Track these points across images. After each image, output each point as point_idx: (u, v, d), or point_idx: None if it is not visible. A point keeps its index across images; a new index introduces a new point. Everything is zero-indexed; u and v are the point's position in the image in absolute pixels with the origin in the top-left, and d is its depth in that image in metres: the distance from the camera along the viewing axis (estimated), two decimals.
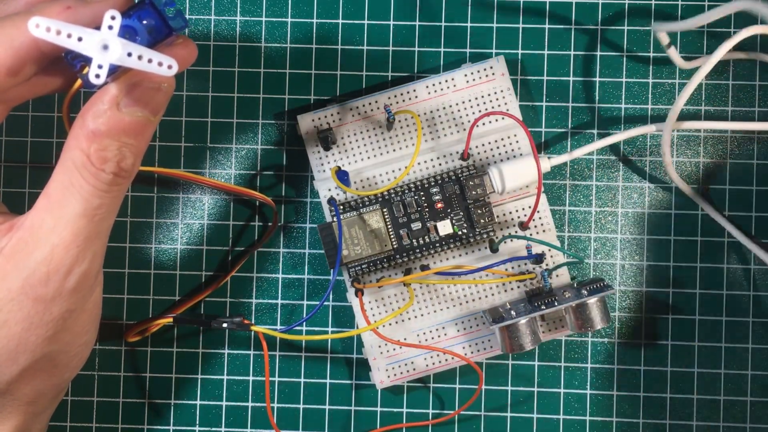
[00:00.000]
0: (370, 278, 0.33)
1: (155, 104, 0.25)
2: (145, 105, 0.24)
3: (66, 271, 0.25)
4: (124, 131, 0.24)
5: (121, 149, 0.24)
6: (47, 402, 0.29)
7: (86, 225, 0.25)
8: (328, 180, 0.33)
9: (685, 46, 0.35)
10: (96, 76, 0.22)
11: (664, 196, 0.35)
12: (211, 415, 0.35)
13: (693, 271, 0.34)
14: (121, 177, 0.25)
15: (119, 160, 0.24)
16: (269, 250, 0.35)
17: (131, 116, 0.24)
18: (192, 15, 0.35)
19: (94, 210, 0.25)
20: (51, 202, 0.25)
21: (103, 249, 0.26)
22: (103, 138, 0.24)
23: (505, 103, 0.34)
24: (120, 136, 0.24)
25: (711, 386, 0.34)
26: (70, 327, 0.26)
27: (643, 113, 0.35)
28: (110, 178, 0.24)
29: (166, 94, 0.25)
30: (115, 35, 0.22)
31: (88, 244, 0.25)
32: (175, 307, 0.34)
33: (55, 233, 0.24)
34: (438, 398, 0.34)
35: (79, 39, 0.22)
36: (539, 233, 0.33)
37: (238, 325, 0.32)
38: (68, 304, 0.25)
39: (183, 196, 0.35)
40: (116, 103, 0.24)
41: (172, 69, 0.22)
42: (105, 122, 0.24)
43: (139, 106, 0.24)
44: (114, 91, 0.24)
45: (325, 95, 0.35)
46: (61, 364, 0.27)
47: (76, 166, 0.24)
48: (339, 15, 0.35)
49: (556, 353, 0.34)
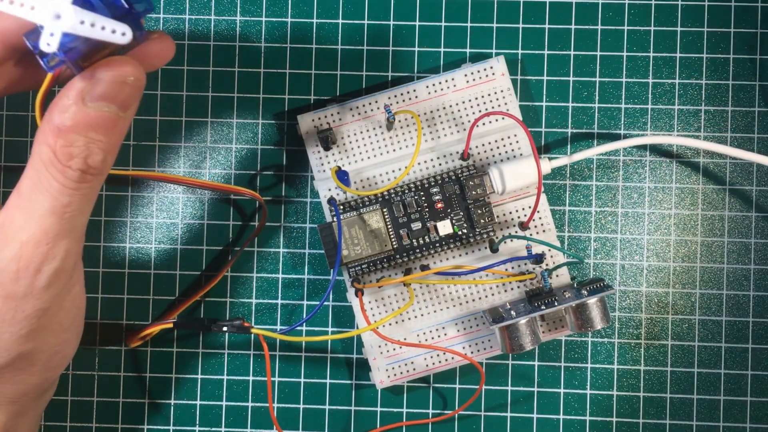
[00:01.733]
0: (370, 278, 0.33)
1: (123, 98, 0.24)
2: (112, 99, 0.24)
3: (35, 268, 0.24)
4: (91, 126, 0.24)
5: (88, 145, 0.24)
6: (30, 402, 0.28)
7: (56, 222, 0.24)
8: (328, 180, 0.33)
9: (685, 46, 0.35)
10: (47, 45, 0.21)
11: (664, 196, 0.35)
12: (211, 415, 0.35)
13: (693, 271, 0.34)
14: (90, 174, 0.24)
15: (86, 156, 0.24)
16: (269, 250, 0.35)
17: (97, 111, 0.23)
18: (192, 15, 0.35)
19: (63, 207, 0.24)
20: (21, 198, 0.24)
21: (77, 246, 0.26)
22: (69, 133, 0.23)
23: (505, 103, 0.34)
24: (86, 132, 0.24)
25: (711, 386, 0.34)
26: (46, 325, 0.26)
27: (643, 113, 0.35)
28: (77, 174, 0.24)
29: (134, 88, 0.24)
30: (68, 3, 0.21)
31: (59, 242, 0.24)
32: (174, 307, 0.34)
33: (24, 230, 0.24)
34: (438, 398, 0.34)
35: (32, 8, 0.21)
36: (539, 233, 0.33)
37: (238, 329, 0.31)
38: (41, 302, 0.25)
39: (183, 196, 0.35)
40: (81, 97, 0.23)
41: (125, 36, 0.22)
42: (70, 117, 0.23)
43: (105, 101, 0.23)
44: (79, 85, 0.23)
45: (325, 95, 0.35)
46: (40, 362, 0.27)
47: (43, 162, 0.24)
48: (339, 15, 0.35)
49: (556, 353, 0.34)
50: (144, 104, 0.35)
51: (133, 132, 0.35)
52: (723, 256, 0.34)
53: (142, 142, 0.35)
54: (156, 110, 0.35)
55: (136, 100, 0.25)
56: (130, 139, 0.35)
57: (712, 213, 0.34)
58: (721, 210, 0.34)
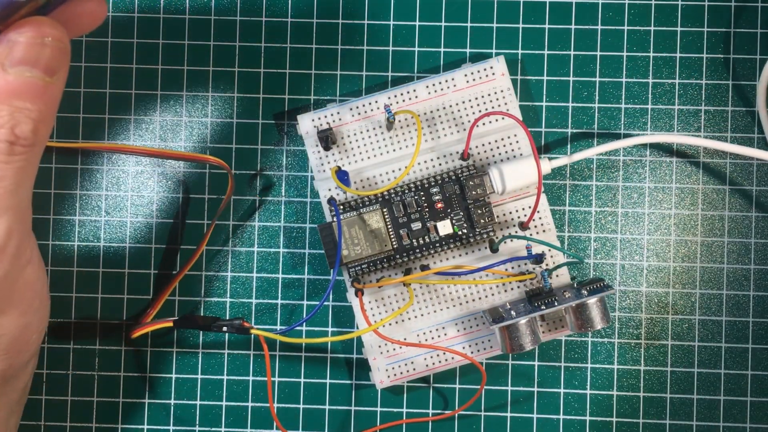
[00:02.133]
0: (370, 278, 0.33)
1: (46, 62, 0.22)
2: (34, 63, 0.22)
3: None
4: (14, 94, 0.22)
5: (13, 114, 0.22)
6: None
7: None
8: (328, 180, 0.33)
9: (685, 46, 0.35)
10: None
11: (664, 196, 0.35)
12: (211, 415, 0.35)
13: (693, 271, 0.34)
14: (20, 146, 0.23)
15: (13, 126, 0.22)
16: (269, 250, 0.35)
17: (18, 76, 0.22)
18: (192, 15, 0.35)
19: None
20: None
21: (20, 224, 0.24)
22: None
23: (505, 103, 0.34)
24: (10, 100, 0.22)
25: (711, 386, 0.34)
26: (0, 309, 0.25)
27: (643, 113, 0.35)
28: (5, 146, 0.22)
29: (56, 50, 0.23)
30: None
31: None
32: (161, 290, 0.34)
33: None
34: (438, 398, 0.34)
35: None
36: (539, 233, 0.33)
37: (237, 329, 0.31)
38: None
39: (183, 196, 0.35)
40: (1, 63, 0.22)
41: None
42: None
43: (26, 65, 0.22)
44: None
45: (325, 95, 0.35)
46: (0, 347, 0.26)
47: None
48: (339, 15, 0.35)
49: (556, 353, 0.34)
50: (144, 104, 0.35)
51: (133, 132, 0.35)
52: (723, 256, 0.34)
53: (142, 142, 0.35)
54: (156, 110, 0.35)
55: (62, 63, 0.23)
56: (130, 138, 0.35)
57: (712, 213, 0.34)
58: (721, 210, 0.34)
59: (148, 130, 0.35)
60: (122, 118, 0.35)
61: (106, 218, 0.35)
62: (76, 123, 0.35)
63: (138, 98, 0.35)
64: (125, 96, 0.35)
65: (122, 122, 0.35)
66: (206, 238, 0.34)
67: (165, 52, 0.35)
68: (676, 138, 0.33)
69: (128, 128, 0.35)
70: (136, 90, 0.35)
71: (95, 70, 0.35)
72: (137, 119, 0.35)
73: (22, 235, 0.25)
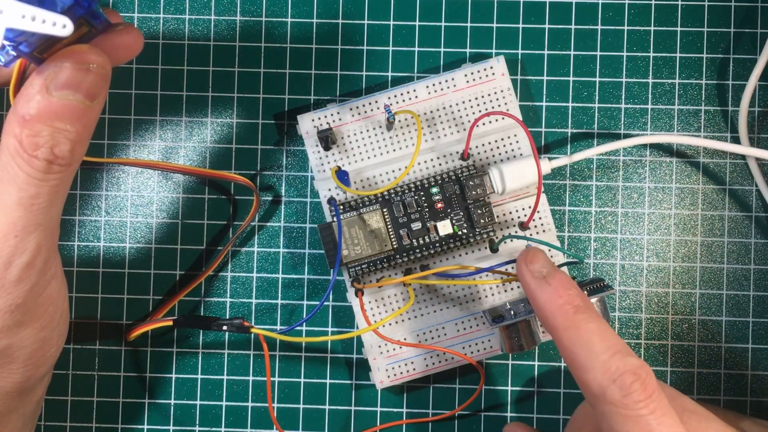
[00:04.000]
0: (370, 278, 0.33)
1: (87, 87, 0.23)
2: (77, 87, 0.23)
3: (4, 262, 0.24)
4: (56, 115, 0.23)
5: (54, 135, 0.23)
6: (13, 400, 0.28)
7: (24, 215, 0.24)
8: (328, 180, 0.33)
9: (685, 46, 0.35)
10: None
11: (664, 196, 0.35)
12: (211, 415, 0.35)
13: (693, 271, 0.34)
14: (57, 165, 0.24)
15: (52, 146, 0.23)
16: (269, 250, 0.35)
17: (62, 100, 0.23)
18: (192, 15, 0.35)
19: (31, 199, 0.24)
20: None
21: (49, 240, 0.25)
22: (34, 123, 0.23)
23: (505, 103, 0.34)
24: (52, 121, 0.23)
25: (711, 386, 0.34)
26: (22, 321, 0.26)
27: (643, 113, 0.35)
28: (43, 165, 0.23)
29: (98, 76, 0.24)
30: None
31: (27, 235, 0.24)
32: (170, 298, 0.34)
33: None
34: (438, 398, 0.34)
35: None
36: (539, 233, 0.33)
37: (237, 328, 0.31)
38: (14, 297, 0.25)
39: (183, 196, 0.35)
40: (45, 86, 0.23)
41: (66, 28, 0.21)
42: (34, 106, 0.23)
43: (70, 89, 0.23)
44: (43, 74, 0.23)
45: (325, 95, 0.35)
46: (19, 360, 0.27)
47: (10, 152, 0.23)
48: (339, 15, 0.35)
49: (556, 353, 0.34)
50: (144, 104, 0.35)
51: (133, 132, 0.35)
52: (723, 256, 0.34)
53: (141, 142, 0.35)
54: (156, 110, 0.35)
55: (102, 88, 0.24)
56: (130, 138, 0.35)
57: (712, 213, 0.34)
58: (721, 210, 0.34)
59: (148, 130, 0.35)
60: (122, 118, 0.35)
61: (106, 218, 0.35)
62: None
63: (138, 98, 0.35)
64: (125, 96, 0.35)
65: (122, 122, 0.35)
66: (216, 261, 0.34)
67: (165, 52, 0.35)
68: (676, 138, 0.33)
69: (128, 128, 0.35)
70: (136, 90, 0.35)
71: None
72: (137, 119, 0.35)
73: (49, 252, 0.25)
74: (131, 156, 0.35)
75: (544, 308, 0.27)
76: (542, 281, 0.28)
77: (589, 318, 0.27)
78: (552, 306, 0.27)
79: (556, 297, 0.27)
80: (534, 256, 0.29)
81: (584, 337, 0.26)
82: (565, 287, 0.27)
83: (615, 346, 0.26)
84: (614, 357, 0.25)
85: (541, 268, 0.28)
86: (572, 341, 0.26)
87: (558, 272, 0.28)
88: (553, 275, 0.28)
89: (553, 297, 0.27)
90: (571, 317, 0.27)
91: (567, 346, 0.26)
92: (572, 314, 0.27)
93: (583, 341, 0.26)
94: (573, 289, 0.27)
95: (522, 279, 0.29)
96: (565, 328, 0.27)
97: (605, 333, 0.26)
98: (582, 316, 0.27)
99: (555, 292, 0.27)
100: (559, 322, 0.27)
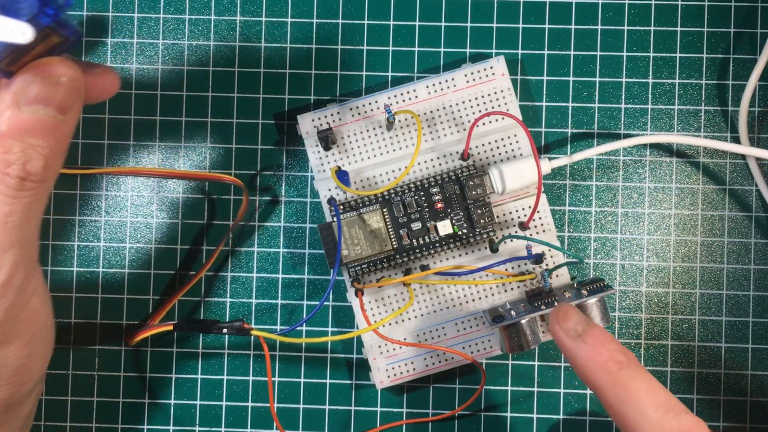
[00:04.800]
0: (370, 278, 0.33)
1: (59, 100, 0.23)
2: (48, 101, 0.23)
3: None
4: (27, 131, 0.23)
5: (26, 151, 0.23)
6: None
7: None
8: (328, 180, 0.33)
9: (685, 46, 0.35)
10: None
11: (664, 196, 0.35)
12: (211, 415, 0.35)
13: (693, 271, 0.34)
14: (31, 181, 0.23)
15: (25, 163, 0.23)
16: (269, 250, 0.35)
17: (33, 114, 0.23)
18: (192, 15, 0.35)
19: (5, 217, 0.23)
20: None
21: (27, 257, 0.24)
22: (5, 139, 0.22)
23: (505, 103, 0.34)
24: (23, 137, 0.23)
25: (711, 386, 0.34)
26: (4, 339, 0.25)
27: (643, 113, 0.35)
28: (16, 182, 0.23)
29: (70, 90, 0.23)
30: None
31: (3, 253, 0.23)
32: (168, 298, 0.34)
33: None
34: (438, 398, 0.34)
35: None
36: (539, 233, 0.33)
37: (238, 330, 0.31)
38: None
39: (183, 196, 0.35)
40: (15, 101, 0.22)
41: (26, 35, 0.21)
42: (5, 122, 0.22)
43: (40, 103, 0.23)
44: (12, 88, 0.23)
45: (325, 95, 0.35)
46: (3, 377, 0.26)
47: None
48: (339, 15, 0.35)
49: (556, 353, 0.34)
50: (145, 104, 0.35)
51: (133, 132, 0.35)
52: (723, 256, 0.34)
53: (141, 142, 0.35)
54: (156, 110, 0.35)
55: (74, 102, 0.24)
56: (130, 138, 0.35)
57: (712, 213, 0.34)
58: (721, 210, 0.34)
59: (148, 130, 0.35)
60: (122, 118, 0.35)
61: (106, 218, 0.35)
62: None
63: (138, 98, 0.35)
64: (126, 96, 0.35)
65: (122, 122, 0.35)
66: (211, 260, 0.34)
67: (165, 53, 0.35)
68: (676, 138, 0.33)
69: (128, 128, 0.35)
70: (136, 90, 0.35)
71: None
72: (137, 119, 0.35)
73: (27, 268, 0.25)
74: (131, 156, 0.35)
75: (585, 367, 0.26)
76: (579, 340, 0.27)
77: (634, 373, 0.26)
78: (593, 365, 0.26)
79: (596, 355, 0.26)
80: (566, 314, 0.28)
81: (632, 395, 0.25)
82: (603, 343, 0.26)
83: (666, 402, 0.25)
84: (667, 416, 0.25)
85: (576, 326, 0.27)
86: (619, 400, 0.25)
87: (594, 327, 0.27)
88: (589, 332, 0.27)
89: (593, 355, 0.26)
90: (616, 375, 0.26)
91: (614, 405, 0.25)
92: (617, 371, 0.26)
93: (631, 400, 0.25)
94: (613, 344, 0.26)
95: (557, 339, 0.28)
96: (611, 387, 0.26)
97: (654, 389, 0.25)
98: (627, 372, 0.26)
99: (594, 349, 0.26)
100: (604, 381, 0.26)
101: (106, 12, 0.35)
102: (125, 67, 0.35)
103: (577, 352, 0.27)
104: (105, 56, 0.35)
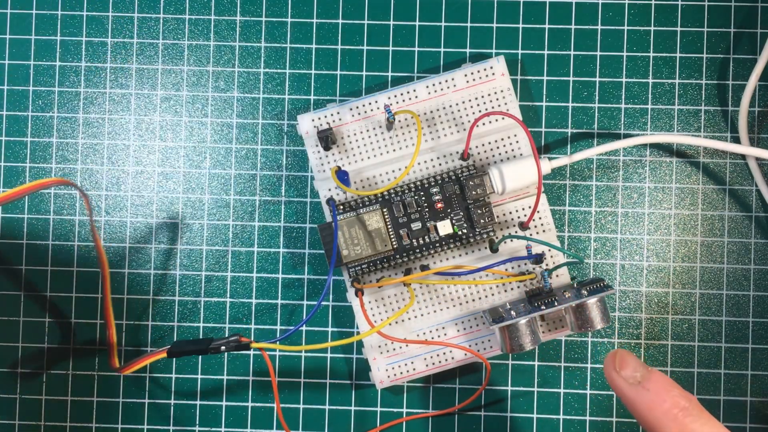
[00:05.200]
0: (370, 278, 0.33)
1: None
2: None
3: None
4: None
5: None
6: None
7: None
8: (328, 180, 0.33)
9: (685, 46, 0.35)
10: None
11: (664, 196, 0.35)
12: (211, 415, 0.35)
13: (693, 271, 0.34)
14: None
15: None
16: (269, 250, 0.35)
17: None
18: (192, 15, 0.35)
19: None
20: None
21: None
22: None
23: (505, 103, 0.34)
24: None
25: (711, 386, 0.34)
26: None
27: (643, 113, 0.35)
28: None
29: None
30: None
31: None
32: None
33: None
34: (438, 398, 0.34)
35: None
36: (539, 233, 0.33)
37: (236, 346, 0.31)
38: None
39: (183, 196, 0.35)
40: None
41: None
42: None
43: None
44: None
45: (325, 95, 0.35)
46: None
47: None
48: (339, 15, 0.35)
49: (556, 353, 0.34)
50: (144, 104, 0.35)
51: (133, 132, 0.35)
52: (723, 256, 0.34)
53: (143, 143, 0.35)
54: (156, 111, 0.35)
55: None
56: (130, 139, 0.35)
57: (712, 213, 0.34)
58: (721, 210, 0.34)
59: (148, 130, 0.35)
60: (122, 118, 0.35)
61: (106, 218, 0.35)
62: None
63: (138, 98, 0.35)
64: (125, 96, 0.35)
65: (122, 122, 0.35)
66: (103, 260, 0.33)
67: (164, 53, 0.35)
68: (676, 138, 0.33)
69: (128, 129, 0.35)
70: (136, 90, 0.35)
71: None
72: (137, 119, 0.35)
73: None
74: (131, 156, 0.35)
75: (649, 416, 0.26)
76: (639, 387, 0.26)
77: (700, 419, 0.25)
78: (657, 413, 0.26)
79: (660, 402, 0.26)
80: (623, 361, 0.27)
81: None
82: (666, 389, 0.26)
83: None
84: None
85: (635, 373, 0.27)
86: None
87: (654, 373, 0.27)
88: (649, 378, 0.26)
89: (656, 402, 0.26)
90: (681, 421, 0.25)
91: None
92: (682, 418, 0.25)
93: None
94: (675, 389, 0.26)
95: (615, 386, 0.27)
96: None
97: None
98: (692, 418, 0.25)
99: (657, 396, 0.26)
100: (669, 429, 0.25)
101: (106, 12, 0.35)
102: (125, 67, 0.35)
103: (639, 400, 0.26)
104: (105, 56, 0.35)
